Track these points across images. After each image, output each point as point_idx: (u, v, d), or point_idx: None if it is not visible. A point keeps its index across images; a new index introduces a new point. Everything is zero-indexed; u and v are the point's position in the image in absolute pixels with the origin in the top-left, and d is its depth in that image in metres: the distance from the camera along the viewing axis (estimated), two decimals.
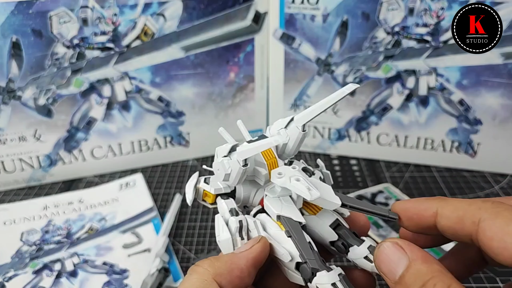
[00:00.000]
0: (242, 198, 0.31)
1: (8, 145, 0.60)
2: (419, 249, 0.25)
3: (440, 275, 0.23)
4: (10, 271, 0.48)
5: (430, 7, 0.56)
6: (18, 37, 0.55)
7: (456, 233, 0.26)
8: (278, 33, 0.63)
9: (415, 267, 0.24)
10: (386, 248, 0.25)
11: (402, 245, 0.25)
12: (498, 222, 0.24)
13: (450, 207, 0.27)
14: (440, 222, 0.27)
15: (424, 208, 0.28)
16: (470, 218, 0.25)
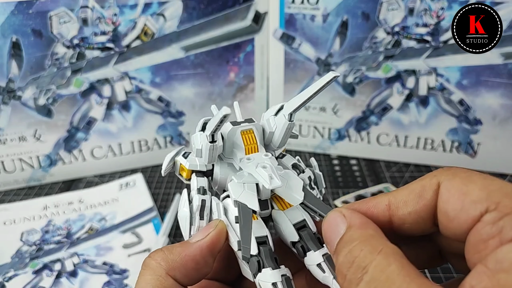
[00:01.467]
0: (218, 180, 0.30)
1: (8, 145, 0.60)
2: (361, 216, 0.23)
3: (370, 239, 0.21)
4: (10, 271, 0.48)
5: (430, 7, 0.56)
6: (18, 37, 0.55)
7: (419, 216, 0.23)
8: (278, 33, 0.63)
9: (349, 233, 0.22)
10: (329, 216, 0.24)
11: (344, 213, 0.24)
12: (455, 181, 0.22)
13: (404, 192, 0.24)
14: (397, 213, 0.24)
15: (373, 204, 0.25)
16: (430, 189, 0.23)
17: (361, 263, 0.20)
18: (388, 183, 0.62)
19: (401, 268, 0.19)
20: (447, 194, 0.22)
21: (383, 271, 0.19)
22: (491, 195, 0.20)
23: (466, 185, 0.21)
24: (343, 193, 0.60)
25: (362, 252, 0.20)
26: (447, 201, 0.22)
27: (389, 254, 0.20)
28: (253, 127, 0.29)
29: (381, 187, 0.61)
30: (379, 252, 0.20)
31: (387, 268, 0.19)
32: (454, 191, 0.22)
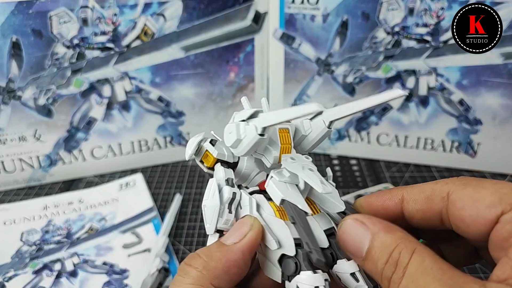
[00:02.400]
0: (242, 173, 0.29)
1: (8, 145, 0.60)
2: (380, 220, 0.24)
3: (404, 242, 0.22)
4: (10, 271, 0.48)
5: (430, 7, 0.56)
6: (18, 37, 0.55)
7: (425, 215, 0.26)
8: (278, 33, 0.63)
9: (379, 239, 0.23)
10: (347, 226, 0.24)
11: (362, 219, 0.24)
12: (468, 190, 0.24)
13: (416, 190, 0.26)
14: (407, 207, 0.26)
15: (389, 197, 0.27)
16: (438, 195, 0.25)
17: (402, 263, 0.22)
18: (388, 183, 0.62)
19: (433, 262, 0.21)
20: (461, 203, 0.24)
21: (419, 266, 0.21)
22: (504, 198, 0.22)
23: (478, 191, 0.23)
24: (343, 193, 0.60)
25: (401, 254, 0.22)
26: (462, 209, 0.24)
27: (422, 251, 0.22)
28: (288, 126, 0.29)
29: (381, 187, 0.61)
30: (413, 251, 0.22)
31: (422, 264, 0.21)
32: (467, 199, 0.23)
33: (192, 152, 0.30)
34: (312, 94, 0.66)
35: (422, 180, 0.63)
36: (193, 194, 0.61)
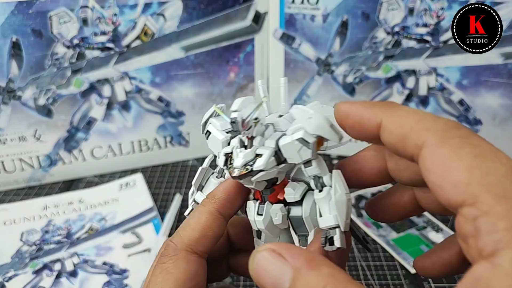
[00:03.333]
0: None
1: (8, 145, 0.60)
2: (302, 252, 0.20)
3: (332, 281, 0.19)
4: (10, 271, 0.48)
5: (430, 7, 0.56)
6: (18, 37, 0.55)
7: (398, 151, 0.22)
8: (278, 33, 0.63)
9: (302, 278, 0.19)
10: (262, 259, 0.20)
11: (280, 251, 0.20)
12: (442, 152, 0.19)
13: (395, 120, 0.22)
14: (383, 136, 0.23)
15: (368, 117, 0.23)
16: (414, 139, 0.21)
17: None
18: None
19: None
20: (430, 164, 0.20)
21: None
22: (472, 183, 0.18)
23: (452, 160, 0.19)
24: None
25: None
26: (429, 171, 0.20)
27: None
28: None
29: (381, 187, 0.61)
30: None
31: None
32: (438, 163, 0.19)
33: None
34: (312, 94, 0.66)
35: None
36: None
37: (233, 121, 0.26)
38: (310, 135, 0.25)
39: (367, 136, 0.24)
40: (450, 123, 0.20)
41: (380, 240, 0.51)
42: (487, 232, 0.17)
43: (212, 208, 0.28)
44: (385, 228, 0.53)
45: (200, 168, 0.30)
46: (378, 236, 0.52)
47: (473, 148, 0.19)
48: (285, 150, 0.26)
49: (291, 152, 0.26)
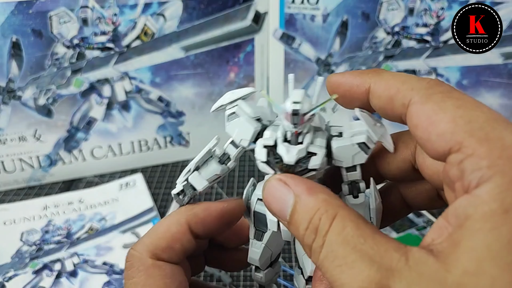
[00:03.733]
0: None
1: (8, 145, 0.60)
2: (305, 181, 0.22)
3: (325, 205, 0.21)
4: (10, 271, 0.48)
5: (430, 7, 0.56)
6: (18, 37, 0.55)
7: (387, 114, 0.24)
8: (278, 33, 0.63)
9: (302, 202, 0.21)
10: (270, 187, 0.23)
11: (286, 180, 0.22)
12: (427, 108, 0.21)
13: (382, 84, 0.23)
14: (372, 100, 0.24)
15: (357, 84, 0.24)
16: (400, 99, 0.22)
17: (322, 231, 0.20)
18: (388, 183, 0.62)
19: (356, 229, 0.20)
20: (416, 119, 0.21)
21: (339, 234, 0.20)
22: (456, 132, 0.19)
23: (437, 113, 0.20)
24: None
25: (321, 220, 0.20)
26: (416, 127, 0.21)
27: (344, 217, 0.20)
28: None
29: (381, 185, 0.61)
30: (334, 217, 0.20)
31: (343, 231, 0.20)
32: (423, 118, 0.21)
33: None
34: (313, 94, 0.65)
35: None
36: None
37: (295, 113, 0.24)
38: (372, 141, 0.25)
39: (357, 103, 0.25)
40: (432, 81, 0.22)
41: None
42: (471, 171, 0.18)
43: (184, 220, 0.27)
44: (385, 228, 0.53)
45: (206, 148, 0.28)
46: None
47: (455, 101, 0.20)
48: (339, 152, 0.26)
49: (345, 155, 0.26)
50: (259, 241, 0.29)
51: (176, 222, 0.27)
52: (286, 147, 0.24)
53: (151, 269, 0.25)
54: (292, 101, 0.24)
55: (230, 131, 0.27)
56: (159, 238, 0.26)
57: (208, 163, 0.28)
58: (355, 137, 0.25)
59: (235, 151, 0.28)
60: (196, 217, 0.27)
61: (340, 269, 0.19)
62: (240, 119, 0.27)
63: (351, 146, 0.25)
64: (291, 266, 0.48)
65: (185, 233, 0.27)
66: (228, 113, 0.28)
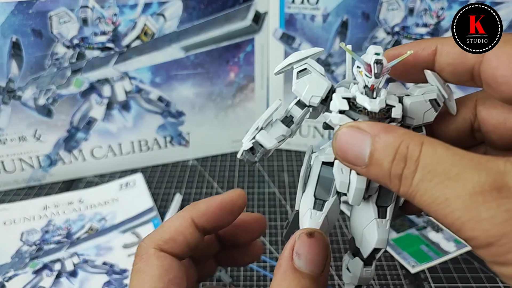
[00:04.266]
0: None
1: (8, 145, 0.60)
2: (379, 123, 0.22)
3: (409, 136, 0.21)
4: (10, 271, 0.48)
5: (430, 7, 0.56)
6: (18, 37, 0.55)
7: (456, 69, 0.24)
8: (278, 33, 0.63)
9: (381, 140, 0.21)
10: (343, 135, 0.23)
11: (358, 125, 0.22)
12: (507, 49, 0.22)
13: (451, 42, 0.25)
14: (439, 60, 0.25)
15: (422, 48, 0.26)
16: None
17: (413, 157, 0.20)
18: None
19: (447, 149, 0.20)
20: (496, 60, 0.22)
21: (432, 156, 0.20)
22: None
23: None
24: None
25: (409, 148, 0.20)
26: (496, 67, 0.22)
27: (432, 142, 0.20)
28: None
29: None
30: (422, 143, 0.20)
31: (435, 153, 0.20)
32: (504, 57, 0.22)
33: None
34: None
35: None
36: (193, 194, 0.61)
37: (379, 62, 0.25)
38: (443, 98, 0.27)
39: (420, 67, 0.26)
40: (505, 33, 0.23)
41: None
42: None
43: (188, 215, 0.29)
44: None
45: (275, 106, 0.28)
46: None
47: None
48: (412, 108, 0.26)
49: (418, 111, 0.27)
50: (320, 211, 0.27)
51: (179, 217, 0.29)
52: (365, 98, 0.25)
53: (151, 258, 0.27)
54: (374, 52, 0.25)
55: (299, 88, 0.27)
56: (164, 231, 0.28)
57: (273, 125, 0.28)
58: (426, 94, 0.27)
59: (300, 112, 0.28)
60: (198, 211, 0.29)
61: (442, 185, 0.19)
62: (313, 74, 0.27)
63: (424, 103, 0.27)
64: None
65: (188, 226, 0.28)
66: (298, 70, 0.27)
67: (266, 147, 0.27)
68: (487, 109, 0.26)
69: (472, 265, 0.48)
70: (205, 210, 0.29)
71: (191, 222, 0.29)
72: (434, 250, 0.50)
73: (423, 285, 0.46)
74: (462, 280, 0.46)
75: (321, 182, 0.28)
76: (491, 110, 0.26)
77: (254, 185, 0.63)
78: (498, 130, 0.26)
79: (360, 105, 0.25)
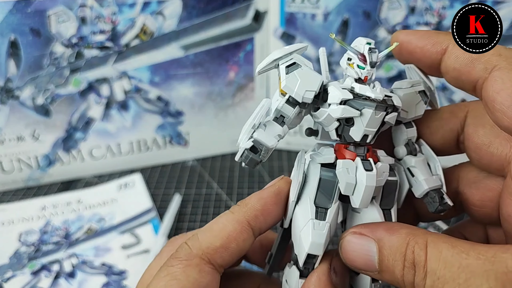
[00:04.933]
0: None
1: (6, 145, 0.59)
2: (378, 224, 0.22)
3: (413, 237, 0.20)
4: (8, 272, 0.48)
5: (431, 6, 0.56)
6: (16, 36, 0.54)
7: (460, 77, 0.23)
8: (279, 32, 0.63)
9: (386, 245, 0.21)
10: (348, 244, 0.23)
11: (360, 231, 0.22)
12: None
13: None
14: (447, 62, 0.24)
15: (432, 43, 0.24)
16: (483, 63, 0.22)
17: (420, 262, 0.20)
18: None
19: (451, 248, 0.19)
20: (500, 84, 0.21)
21: (438, 260, 0.19)
22: None
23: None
24: None
25: (415, 252, 0.20)
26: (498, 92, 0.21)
27: (435, 241, 0.20)
28: None
29: None
30: (426, 244, 0.20)
31: (440, 256, 0.19)
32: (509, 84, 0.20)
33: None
34: None
35: None
36: (193, 194, 0.61)
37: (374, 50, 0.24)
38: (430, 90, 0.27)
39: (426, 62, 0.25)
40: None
41: None
42: None
43: (242, 217, 0.25)
44: None
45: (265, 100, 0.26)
46: None
47: None
48: (405, 99, 0.26)
49: (410, 103, 0.27)
50: (323, 220, 0.25)
51: (232, 220, 0.25)
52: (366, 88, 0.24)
53: (193, 269, 0.23)
54: (365, 42, 0.24)
55: (290, 84, 0.25)
56: (214, 236, 0.24)
57: (267, 125, 0.26)
58: (415, 86, 0.27)
59: (292, 110, 0.26)
60: (254, 211, 0.25)
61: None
62: (304, 68, 0.25)
63: (414, 94, 0.26)
64: None
65: (243, 232, 0.24)
66: (287, 64, 0.26)
67: (267, 146, 0.25)
68: (475, 126, 0.25)
69: None
70: (262, 209, 0.25)
71: (247, 226, 0.24)
72: None
73: None
74: None
75: (322, 186, 0.25)
76: (479, 128, 0.25)
77: (254, 185, 0.62)
78: (479, 151, 0.25)
79: (362, 94, 0.24)
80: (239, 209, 0.25)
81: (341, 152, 0.26)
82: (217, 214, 0.26)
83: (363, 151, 0.26)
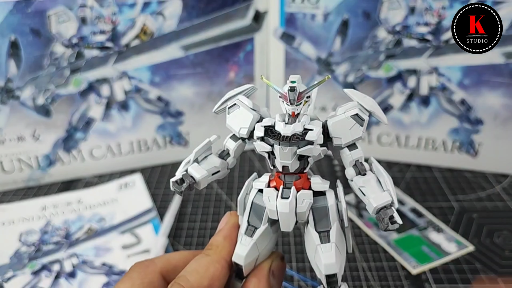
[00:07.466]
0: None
1: (6, 145, 0.60)
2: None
3: None
4: (9, 271, 0.48)
5: (431, 6, 0.56)
6: (16, 36, 0.54)
7: None
8: (278, 32, 0.63)
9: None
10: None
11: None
12: None
13: None
14: None
15: None
16: None
17: None
18: None
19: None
20: None
21: None
22: None
23: None
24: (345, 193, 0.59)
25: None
26: None
27: None
28: None
29: None
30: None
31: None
32: None
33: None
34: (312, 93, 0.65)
35: (423, 181, 0.63)
36: (193, 194, 0.61)
37: (293, 89, 0.27)
38: (365, 112, 0.28)
39: None
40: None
41: (381, 240, 0.51)
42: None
43: (220, 257, 0.29)
44: None
45: (207, 140, 0.31)
46: (379, 237, 0.52)
47: None
48: (336, 127, 0.28)
49: (343, 130, 0.28)
50: (250, 237, 0.29)
51: (212, 261, 0.29)
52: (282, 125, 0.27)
53: None
54: (289, 81, 0.27)
55: (230, 123, 0.30)
56: (202, 277, 0.28)
57: (208, 157, 0.31)
58: (348, 112, 0.28)
59: (234, 144, 0.30)
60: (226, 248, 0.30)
61: None
62: (240, 108, 0.30)
63: (346, 120, 0.28)
64: (290, 267, 0.48)
65: (222, 269, 0.29)
66: (229, 106, 0.30)
67: (195, 178, 0.29)
68: None
69: (473, 266, 0.48)
70: (230, 244, 0.30)
71: (224, 263, 0.29)
72: (436, 251, 0.49)
73: (424, 286, 0.45)
74: (464, 281, 0.46)
75: (254, 209, 0.29)
76: None
77: None
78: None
79: (276, 130, 0.27)
80: (213, 252, 0.29)
81: (273, 180, 0.29)
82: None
83: (292, 179, 0.28)
